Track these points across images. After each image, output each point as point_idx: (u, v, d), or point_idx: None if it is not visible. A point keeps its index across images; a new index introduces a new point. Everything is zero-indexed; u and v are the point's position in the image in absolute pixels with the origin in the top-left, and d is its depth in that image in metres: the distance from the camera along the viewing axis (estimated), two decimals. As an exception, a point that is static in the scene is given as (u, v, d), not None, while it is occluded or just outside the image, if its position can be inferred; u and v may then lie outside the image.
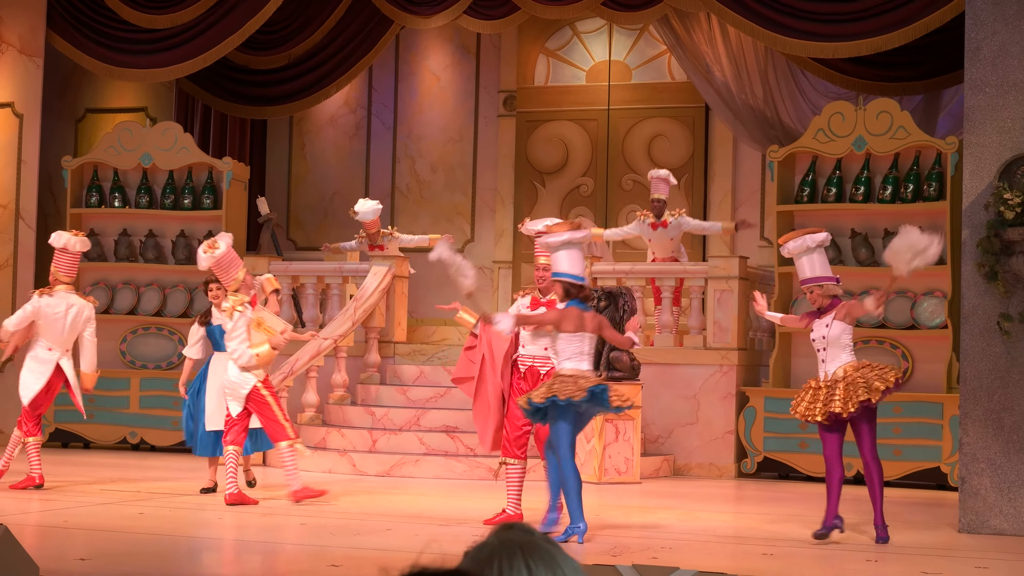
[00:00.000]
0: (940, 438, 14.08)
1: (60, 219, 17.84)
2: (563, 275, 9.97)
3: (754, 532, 10.38)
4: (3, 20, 17.30)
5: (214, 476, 12.35)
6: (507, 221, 18.98)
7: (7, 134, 17.20)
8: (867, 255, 14.91)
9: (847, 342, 10.09)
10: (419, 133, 19.50)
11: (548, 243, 10.13)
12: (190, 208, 17.19)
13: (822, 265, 10.23)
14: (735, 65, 17.17)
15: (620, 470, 13.89)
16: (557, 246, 10.01)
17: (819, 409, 9.91)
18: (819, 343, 10.12)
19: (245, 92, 18.74)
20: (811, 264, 10.19)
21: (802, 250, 10.21)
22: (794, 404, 10.19)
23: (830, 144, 15.02)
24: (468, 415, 14.84)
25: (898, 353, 14.67)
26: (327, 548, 9.54)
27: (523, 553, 2.61)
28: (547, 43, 18.98)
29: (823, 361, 10.10)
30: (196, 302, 16.82)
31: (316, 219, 19.69)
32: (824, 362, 10.08)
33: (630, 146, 18.51)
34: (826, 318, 10.09)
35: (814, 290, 10.14)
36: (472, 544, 2.65)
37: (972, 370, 10.60)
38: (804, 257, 10.21)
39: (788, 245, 10.34)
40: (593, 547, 9.37)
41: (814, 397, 10.01)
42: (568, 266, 9.97)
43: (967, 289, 10.71)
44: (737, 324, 15.09)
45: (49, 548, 9.03)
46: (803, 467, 14.66)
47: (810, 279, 10.17)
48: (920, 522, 11.39)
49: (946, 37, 15.05)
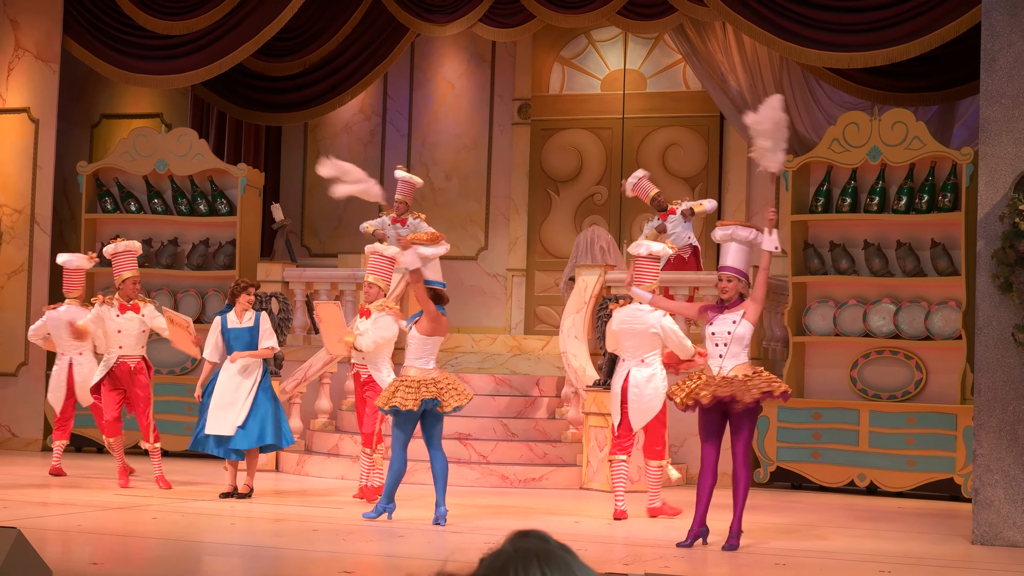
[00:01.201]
0: (954, 449, 14.05)
1: (75, 224, 17.89)
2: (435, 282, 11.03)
3: (767, 542, 10.36)
4: (20, 26, 17.35)
5: (233, 480, 12.38)
6: (521, 229, 18.99)
7: (23, 139, 17.25)
8: (881, 265, 14.88)
9: (748, 342, 9.99)
10: (434, 141, 19.52)
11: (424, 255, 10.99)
12: (205, 214, 17.21)
13: (745, 260, 10.12)
14: (750, 74, 17.16)
15: (633, 479, 13.86)
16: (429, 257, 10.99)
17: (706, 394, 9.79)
18: (721, 337, 9.92)
19: (260, 99, 18.77)
20: (736, 254, 10.08)
21: (727, 239, 10.14)
22: (675, 389, 10.05)
23: (845, 154, 15.00)
24: (481, 422, 14.85)
25: (912, 364, 14.64)
26: (338, 554, 9.54)
27: (538, 561, 2.61)
28: (562, 51, 18.99)
29: (720, 356, 9.92)
30: (209, 307, 16.84)
31: (330, 226, 19.71)
32: (722, 357, 9.91)
33: (645, 155, 18.50)
34: (732, 314, 9.93)
35: (732, 279, 9.99)
36: (487, 552, 2.65)
37: (986, 381, 10.58)
38: (732, 245, 10.11)
39: (716, 232, 10.29)
40: (606, 556, 9.37)
41: (706, 383, 9.87)
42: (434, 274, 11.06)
43: (982, 300, 10.69)
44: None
45: (62, 552, 9.05)
46: (816, 477, 14.64)
47: (730, 268, 10.05)
48: (933, 533, 11.37)
49: (962, 48, 15.04)
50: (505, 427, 14.87)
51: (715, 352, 9.96)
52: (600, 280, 15.56)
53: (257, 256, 17.43)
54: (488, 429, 14.84)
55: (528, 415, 15.22)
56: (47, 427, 16.75)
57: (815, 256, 15.16)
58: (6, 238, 17.20)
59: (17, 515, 10.38)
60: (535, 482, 13.97)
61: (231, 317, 12.46)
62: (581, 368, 14.68)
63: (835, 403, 14.72)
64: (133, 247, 13.35)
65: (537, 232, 19.00)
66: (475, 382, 15.56)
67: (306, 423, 15.42)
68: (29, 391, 16.95)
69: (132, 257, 13.30)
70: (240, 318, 12.39)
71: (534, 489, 13.83)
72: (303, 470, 14.65)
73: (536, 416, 15.22)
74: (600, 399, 13.91)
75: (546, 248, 18.93)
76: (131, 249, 13.30)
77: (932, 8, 14.80)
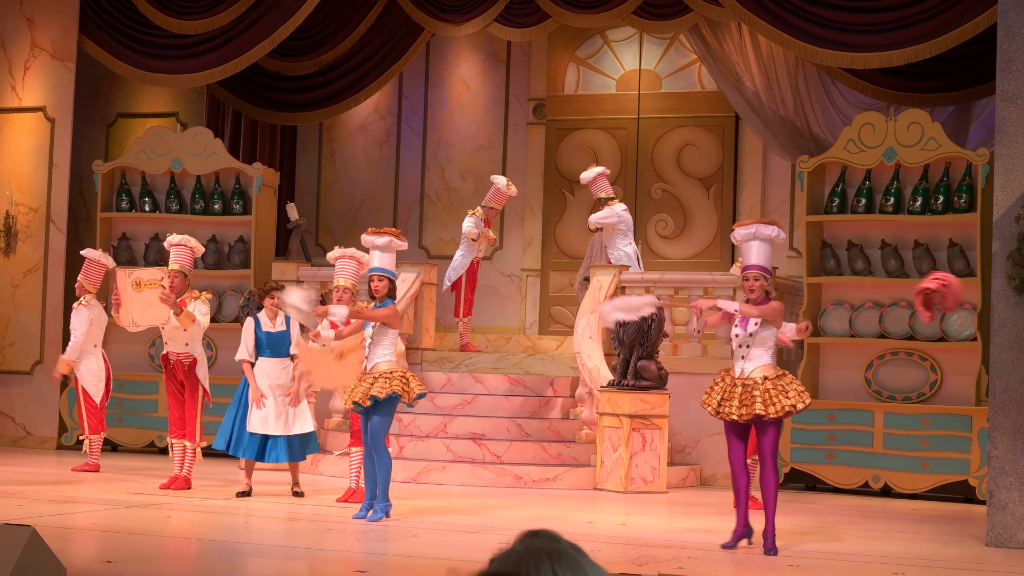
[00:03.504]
0: (968, 451, 14.02)
1: (90, 223, 17.93)
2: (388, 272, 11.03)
3: (781, 543, 10.35)
4: (36, 25, 17.39)
5: (250, 479, 12.43)
6: (536, 229, 18.99)
7: (39, 138, 17.29)
8: (896, 267, 14.86)
9: (771, 344, 9.83)
10: (449, 140, 19.53)
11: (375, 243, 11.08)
12: (220, 213, 17.24)
13: (768, 258, 9.97)
14: (766, 75, 17.14)
15: (647, 479, 13.87)
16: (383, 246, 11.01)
17: (735, 409, 9.70)
18: (743, 339, 9.81)
19: (276, 98, 18.80)
20: (760, 252, 9.93)
21: (750, 237, 10.01)
22: (706, 398, 9.91)
23: (860, 155, 14.98)
24: (495, 422, 14.86)
25: (927, 365, 14.62)
26: (352, 553, 9.55)
27: (550, 560, 2.61)
28: (577, 51, 18.98)
29: (743, 358, 9.81)
30: (225, 306, 16.87)
31: (345, 225, 19.72)
32: (744, 359, 9.81)
33: (660, 155, 18.49)
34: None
35: (759, 278, 9.83)
36: (497, 552, 2.65)
37: (1001, 383, 10.55)
38: (754, 243, 9.95)
39: (737, 232, 10.07)
40: (619, 556, 9.36)
41: (729, 394, 9.77)
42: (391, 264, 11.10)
43: (997, 302, 10.66)
44: (765, 334, 15.03)
45: (76, 550, 9.06)
46: (830, 478, 14.62)
47: (755, 266, 9.90)
48: (947, 535, 11.34)
49: (978, 48, 15.00)
50: (519, 427, 14.87)
51: (737, 354, 9.90)
52: (615, 280, 15.55)
53: (272, 255, 17.46)
54: (502, 429, 14.84)
55: (542, 415, 15.22)
56: (62, 425, 16.79)
57: (831, 257, 15.14)
58: (22, 237, 17.24)
59: (32, 513, 10.40)
60: (549, 482, 13.97)
61: (264, 320, 12.55)
62: (595, 368, 14.67)
63: (850, 404, 14.69)
64: (190, 242, 12.97)
65: (552, 232, 19.00)
66: (489, 382, 15.57)
67: (320, 423, 15.43)
68: (44, 390, 16.99)
69: (189, 252, 12.94)
70: (272, 321, 12.52)
71: (548, 489, 13.83)
72: (317, 469, 14.67)
73: (550, 416, 15.22)
74: (614, 399, 13.91)
75: (561, 248, 18.93)
76: (187, 244, 12.93)
77: (948, 8, 14.77)
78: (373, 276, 10.95)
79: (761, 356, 9.80)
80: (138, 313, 12.51)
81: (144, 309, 12.50)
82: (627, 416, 13.82)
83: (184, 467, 12.79)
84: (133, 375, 16.70)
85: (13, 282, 16.93)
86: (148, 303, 12.48)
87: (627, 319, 11.20)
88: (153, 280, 12.44)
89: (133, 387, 16.68)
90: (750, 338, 9.78)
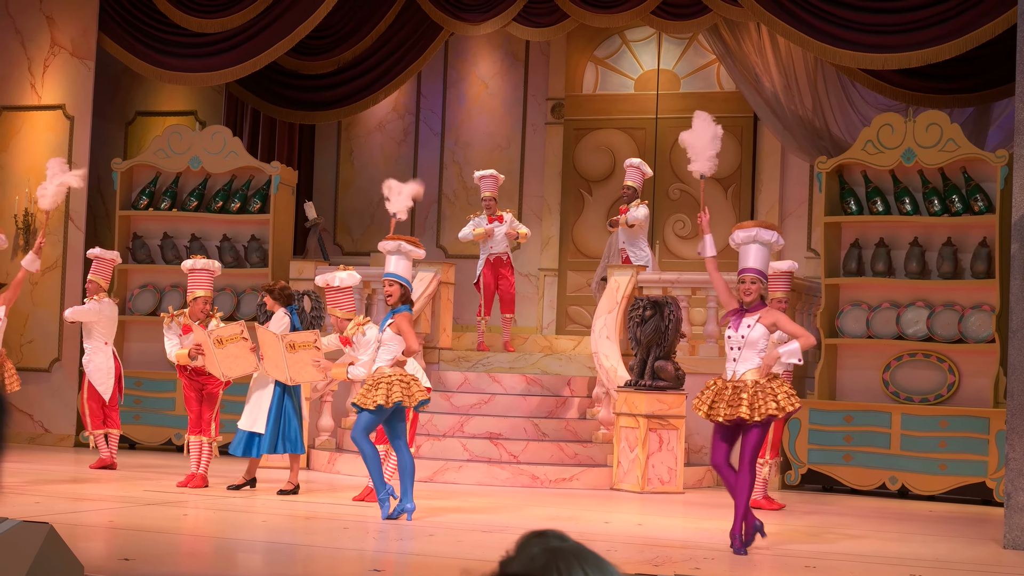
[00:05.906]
0: (986, 453, 13.99)
1: (109, 221, 17.98)
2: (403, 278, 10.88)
3: (797, 544, 10.33)
4: (55, 23, 17.43)
5: (295, 477, 12.53)
6: (553, 229, 18.99)
7: (58, 136, 17.33)
8: (916, 268, 14.83)
9: (763, 347, 9.81)
10: (467, 140, 19.54)
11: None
12: (238, 212, 17.27)
13: (766, 262, 9.97)
14: (784, 75, 17.12)
15: (663, 480, 13.86)
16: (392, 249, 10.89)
17: (722, 410, 9.70)
18: (735, 341, 9.80)
19: (294, 97, 18.82)
20: (758, 256, 9.92)
21: (749, 240, 9.99)
22: (697, 402, 9.89)
23: (879, 155, 14.95)
24: (512, 422, 14.86)
25: (945, 367, 14.59)
26: (368, 552, 9.57)
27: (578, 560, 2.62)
28: (596, 51, 18.98)
29: (734, 360, 9.81)
30: (243, 305, 16.90)
31: (363, 224, 19.74)
32: (735, 361, 9.80)
33: (678, 155, 18.44)
34: (749, 318, 9.80)
35: (756, 281, 9.83)
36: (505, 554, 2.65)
37: (1019, 385, 10.52)
38: (753, 246, 9.93)
39: (736, 235, 10.05)
40: (636, 557, 9.36)
41: (719, 396, 9.78)
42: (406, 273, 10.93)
43: (1016, 303, 10.63)
44: (783, 335, 15.02)
45: (94, 548, 9.09)
46: (848, 479, 14.60)
47: (752, 269, 9.88)
48: (964, 538, 11.32)
49: (998, 49, 14.97)
50: (536, 427, 14.87)
51: (730, 356, 9.90)
52: (632, 280, 15.55)
53: (290, 254, 17.49)
54: (519, 429, 14.85)
55: (559, 415, 15.22)
56: (79, 423, 16.83)
57: (855, 258, 15.10)
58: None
59: (49, 510, 10.43)
60: (565, 482, 13.97)
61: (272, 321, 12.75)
62: (612, 368, 14.67)
63: (867, 406, 14.67)
64: (212, 266, 12.88)
65: (569, 232, 18.99)
66: (506, 381, 15.58)
67: (337, 421, 15.45)
68: (62, 387, 17.04)
69: (209, 276, 12.85)
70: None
71: (564, 489, 13.83)
72: (334, 468, 14.68)
73: (567, 416, 15.22)
74: (631, 399, 13.90)
75: (578, 248, 18.92)
76: (209, 268, 12.84)
77: (968, 9, 14.73)
78: (384, 282, 10.89)
79: (753, 358, 9.80)
80: (227, 367, 12.45)
81: (231, 362, 12.43)
82: (644, 416, 13.81)
83: (201, 465, 12.82)
84: (151, 373, 16.73)
85: (32, 280, 16.96)
86: (234, 356, 12.37)
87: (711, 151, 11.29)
88: (234, 335, 12.32)
89: (151, 385, 16.72)
90: (742, 340, 9.79)
